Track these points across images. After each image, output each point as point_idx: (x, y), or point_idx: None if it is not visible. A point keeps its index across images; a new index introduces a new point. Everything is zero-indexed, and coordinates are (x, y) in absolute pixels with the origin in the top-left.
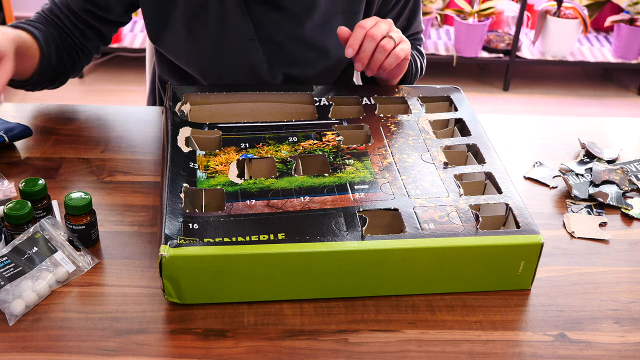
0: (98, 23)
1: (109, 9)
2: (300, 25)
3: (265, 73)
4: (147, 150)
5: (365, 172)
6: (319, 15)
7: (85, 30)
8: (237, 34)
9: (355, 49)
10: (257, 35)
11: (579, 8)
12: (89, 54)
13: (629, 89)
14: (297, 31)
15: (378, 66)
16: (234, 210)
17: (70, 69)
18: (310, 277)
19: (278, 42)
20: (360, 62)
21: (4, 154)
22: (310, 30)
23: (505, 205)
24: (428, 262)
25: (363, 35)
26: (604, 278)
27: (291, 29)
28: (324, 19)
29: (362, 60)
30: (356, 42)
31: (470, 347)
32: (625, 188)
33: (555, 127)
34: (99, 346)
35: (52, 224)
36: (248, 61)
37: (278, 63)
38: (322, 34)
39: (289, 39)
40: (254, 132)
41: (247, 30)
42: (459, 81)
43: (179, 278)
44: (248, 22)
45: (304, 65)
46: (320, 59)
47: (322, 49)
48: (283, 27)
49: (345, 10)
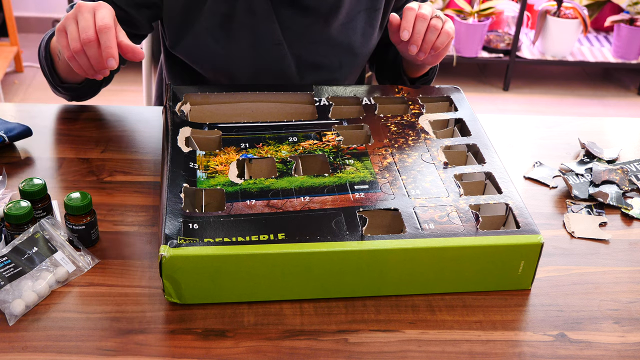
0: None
1: (133, 24)
2: (326, 26)
3: (294, 76)
4: (147, 150)
5: (365, 172)
6: (343, 14)
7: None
8: (265, 39)
9: (409, 30)
10: (285, 39)
11: (579, 8)
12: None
13: (629, 89)
14: (323, 32)
15: (431, 46)
16: (234, 210)
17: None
18: (310, 277)
19: (305, 44)
20: (414, 44)
21: (4, 154)
22: (336, 30)
23: (505, 205)
24: (428, 262)
25: (414, 17)
26: (604, 278)
27: (318, 30)
28: (348, 17)
29: (417, 41)
30: (409, 24)
31: (470, 347)
32: (625, 188)
33: (555, 127)
34: (99, 346)
35: (52, 224)
36: (276, 65)
37: (306, 65)
38: (346, 33)
39: (316, 41)
40: (254, 132)
41: (275, 35)
42: (459, 81)
43: (179, 278)
44: (276, 28)
45: (331, 65)
46: (346, 57)
47: (348, 47)
48: (310, 29)
49: (368, 8)
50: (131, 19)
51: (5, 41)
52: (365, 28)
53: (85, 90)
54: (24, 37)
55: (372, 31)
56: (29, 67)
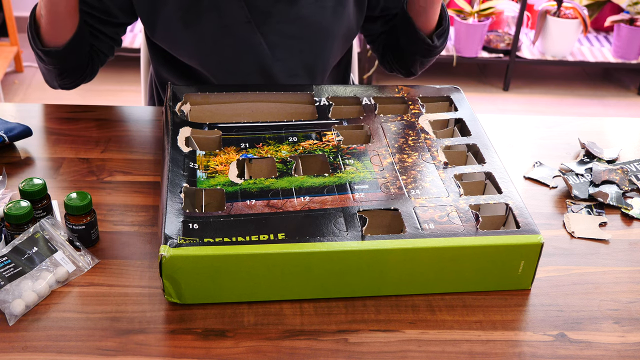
0: (102, 26)
1: (108, 12)
2: (293, 4)
3: (266, 55)
4: (147, 150)
5: (365, 172)
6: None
7: (93, 32)
8: (233, 18)
9: None
10: (253, 17)
11: (579, 8)
12: (102, 55)
13: (629, 89)
14: (291, 10)
15: None
16: (234, 210)
17: (89, 67)
18: (310, 277)
19: (274, 23)
20: None
21: (4, 154)
22: (304, 9)
23: (505, 205)
24: (428, 262)
25: None
26: (604, 278)
27: (285, 9)
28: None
29: None
30: None
31: (470, 347)
32: (625, 188)
33: (555, 127)
34: (99, 346)
35: (52, 224)
36: (247, 45)
37: (277, 44)
38: (315, 11)
39: (285, 19)
40: (254, 132)
41: (242, 13)
42: (459, 81)
43: (179, 278)
44: (242, 6)
45: (303, 44)
46: (318, 36)
47: (319, 26)
48: (277, 7)
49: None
50: (104, 6)
51: (5, 41)
52: (336, 7)
53: (67, 59)
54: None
55: (343, 9)
56: (29, 67)
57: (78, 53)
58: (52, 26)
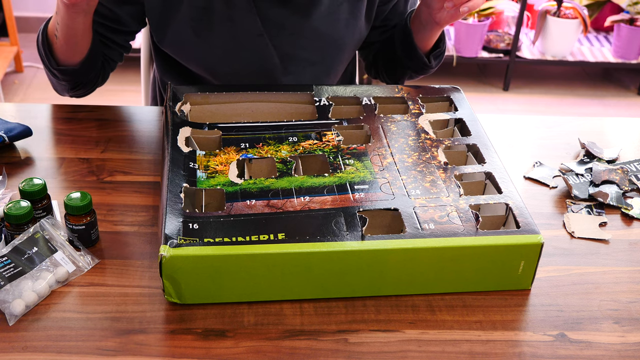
0: (113, 35)
1: (118, 21)
2: (307, 17)
3: (277, 68)
4: (147, 150)
5: (365, 172)
6: (325, 5)
7: (105, 41)
8: (245, 31)
9: None
10: (266, 30)
11: (579, 8)
12: (112, 62)
13: (629, 89)
14: (304, 23)
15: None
16: (234, 210)
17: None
18: (310, 277)
19: (287, 35)
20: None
21: (4, 154)
22: (317, 21)
23: (505, 205)
24: (428, 262)
25: None
26: (604, 278)
27: (299, 21)
28: (330, 9)
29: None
30: None
31: (470, 347)
32: (625, 188)
33: (555, 127)
34: (99, 346)
35: (52, 224)
36: (258, 57)
37: (289, 57)
38: (329, 24)
39: (297, 32)
40: (254, 132)
41: (255, 26)
42: (459, 81)
43: (179, 278)
44: (256, 19)
45: (315, 57)
46: (330, 49)
47: (331, 39)
48: (290, 20)
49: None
50: (115, 15)
51: (5, 41)
52: (349, 19)
53: (82, 75)
54: (24, 37)
55: (356, 22)
56: (29, 67)
57: (93, 67)
58: (69, 46)
